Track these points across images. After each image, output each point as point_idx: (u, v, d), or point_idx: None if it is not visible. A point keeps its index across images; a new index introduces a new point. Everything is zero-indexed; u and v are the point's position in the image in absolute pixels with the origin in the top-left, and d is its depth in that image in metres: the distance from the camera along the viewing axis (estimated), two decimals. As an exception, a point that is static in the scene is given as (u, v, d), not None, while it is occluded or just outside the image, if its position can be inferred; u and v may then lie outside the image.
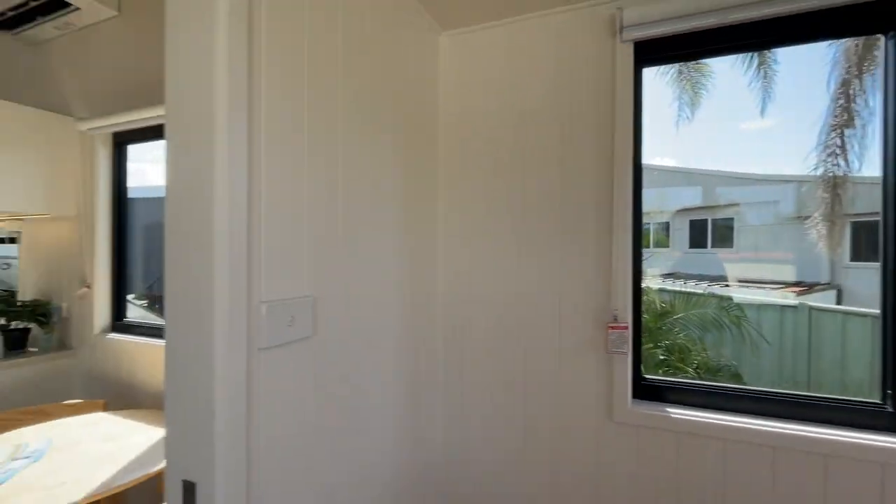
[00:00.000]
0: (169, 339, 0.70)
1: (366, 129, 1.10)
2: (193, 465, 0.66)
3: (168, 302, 0.69)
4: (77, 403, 1.80)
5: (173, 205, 0.69)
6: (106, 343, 2.08)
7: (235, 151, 0.69)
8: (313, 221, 0.88)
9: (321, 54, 0.93)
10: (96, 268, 2.11)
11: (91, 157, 2.12)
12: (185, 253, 0.68)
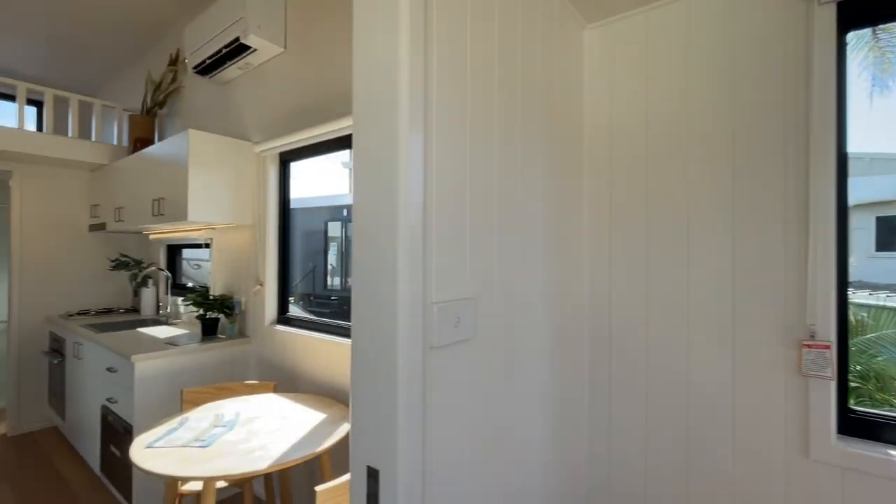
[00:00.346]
0: (356, 337, 0.77)
1: (518, 133, 1.09)
2: (377, 454, 0.71)
3: (356, 303, 0.76)
4: (254, 384, 2.11)
5: (362, 214, 0.75)
6: (273, 333, 2.41)
7: (415, 161, 0.73)
8: (473, 225, 0.90)
9: (480, 58, 0.94)
10: (267, 269, 2.46)
11: (263, 174, 2.49)
12: (373, 258, 0.73)
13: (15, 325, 3.27)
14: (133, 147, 3.16)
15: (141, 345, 2.31)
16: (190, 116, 3.14)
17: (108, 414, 2.38)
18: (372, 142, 0.75)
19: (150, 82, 3.33)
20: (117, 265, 3.45)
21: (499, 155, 1.00)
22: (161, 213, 2.47)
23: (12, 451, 3.03)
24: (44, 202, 3.39)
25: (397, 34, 0.71)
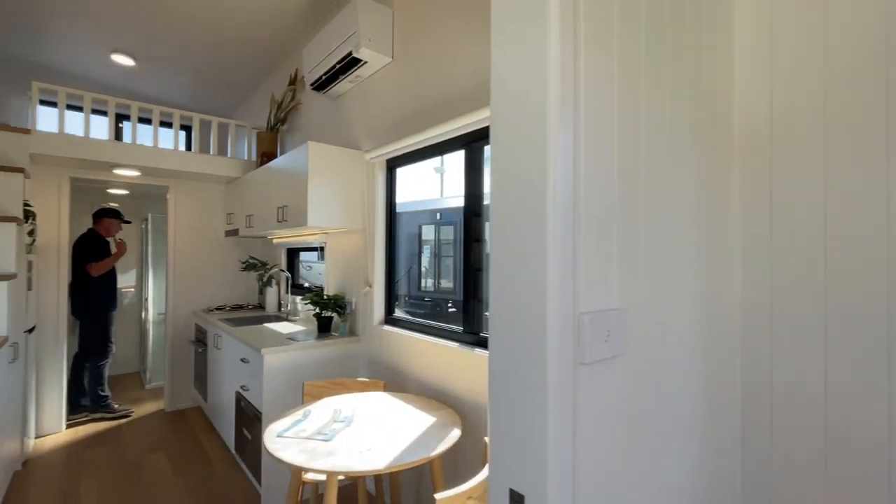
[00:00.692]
0: (495, 351, 0.72)
1: (664, 121, 0.96)
2: (522, 478, 0.65)
3: (496, 313, 0.71)
4: (365, 381, 2.19)
5: (503, 216, 0.70)
6: (381, 333, 2.50)
7: (564, 160, 0.66)
8: (620, 228, 0.80)
9: (627, 35, 0.84)
10: (375, 271, 2.56)
11: (372, 180, 2.60)
12: (517, 262, 0.68)
13: (170, 318, 3.84)
14: (260, 161, 3.53)
15: (267, 339, 2.55)
16: (307, 130, 3.41)
17: (241, 399, 2.66)
18: (515, 140, 0.70)
19: (274, 102, 3.70)
20: (247, 266, 3.88)
21: (646, 148, 0.88)
22: (285, 219, 2.71)
23: (168, 424, 3.55)
24: (191, 212, 3.94)
25: (545, 25, 0.65)
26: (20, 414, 2.73)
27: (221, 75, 4.16)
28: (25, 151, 2.74)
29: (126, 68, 4.06)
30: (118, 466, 2.83)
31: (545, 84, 0.65)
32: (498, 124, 0.74)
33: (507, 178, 0.71)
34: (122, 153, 3.22)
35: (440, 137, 2.10)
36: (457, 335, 2.09)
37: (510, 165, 0.71)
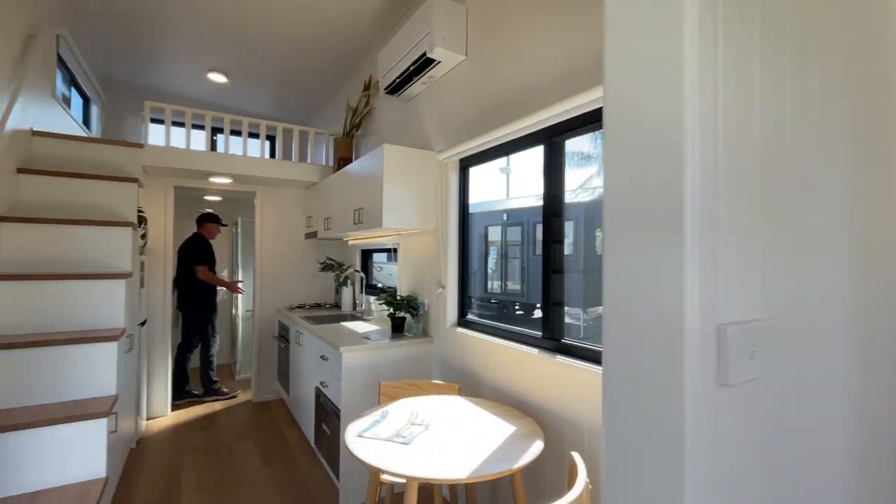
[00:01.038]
0: (612, 368, 0.63)
1: (813, 102, 0.80)
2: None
3: (612, 322, 0.62)
4: (439, 384, 2.17)
5: (622, 211, 0.62)
6: (454, 335, 2.46)
7: (701, 149, 0.56)
8: (765, 225, 0.67)
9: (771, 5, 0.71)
10: (448, 272, 2.53)
11: (445, 181, 2.58)
12: (642, 263, 0.59)
13: (257, 314, 4.12)
14: (337, 166, 3.67)
15: (345, 338, 2.62)
16: (380, 134, 3.49)
17: (321, 395, 2.76)
18: (640, 131, 0.61)
19: (349, 109, 3.83)
20: (325, 267, 4.06)
21: (792, 132, 0.74)
22: (360, 221, 2.78)
23: (255, 414, 3.80)
24: (274, 215, 4.20)
25: None
26: (135, 398, 3.05)
27: (302, 85, 4.40)
28: (139, 164, 3.07)
29: (220, 85, 4.43)
30: (213, 450, 3.07)
31: (679, 68, 0.56)
32: (616, 114, 0.65)
33: (629, 170, 0.62)
34: (217, 162, 3.50)
35: (516, 134, 2.02)
36: (535, 340, 1.99)
37: (634, 157, 0.62)
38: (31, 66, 2.53)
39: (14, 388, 2.00)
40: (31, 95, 2.64)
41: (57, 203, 2.58)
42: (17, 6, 2.44)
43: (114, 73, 4.20)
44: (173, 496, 2.47)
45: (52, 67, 3.03)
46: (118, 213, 2.75)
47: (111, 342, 2.19)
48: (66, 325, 2.28)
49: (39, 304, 2.23)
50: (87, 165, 2.84)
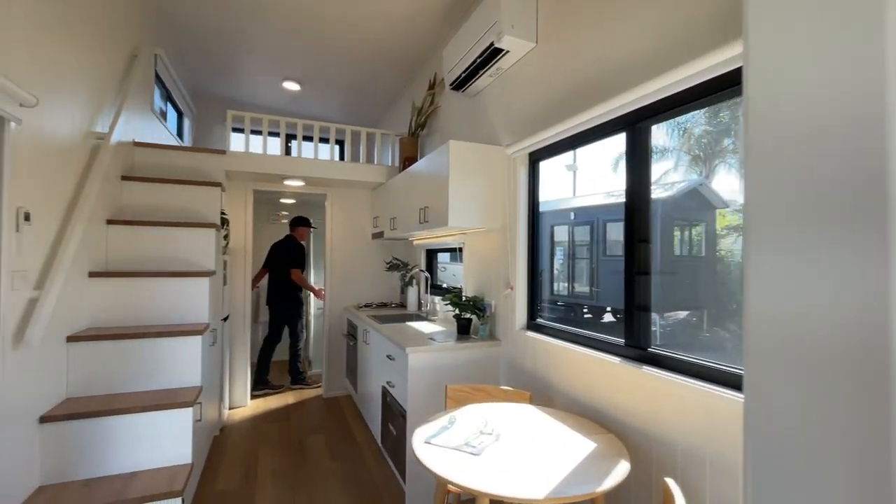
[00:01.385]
0: (759, 392, 0.49)
1: None
2: None
3: (756, 333, 0.48)
4: (509, 391, 2.05)
5: (783, 201, 0.48)
6: (523, 339, 2.33)
7: None
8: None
9: None
10: (516, 273, 2.40)
11: (513, 176, 2.45)
12: (817, 263, 0.45)
13: (327, 312, 4.26)
14: (403, 165, 3.68)
15: (410, 338, 2.58)
16: (445, 132, 3.44)
17: (387, 395, 2.76)
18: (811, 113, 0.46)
19: (414, 109, 3.83)
20: (391, 267, 4.09)
21: None
22: (426, 220, 2.74)
23: (324, 410, 3.92)
24: (343, 216, 4.31)
25: None
26: (218, 389, 3.26)
27: (369, 88, 4.49)
28: (222, 169, 3.28)
29: (293, 93, 4.64)
30: (286, 443, 3.19)
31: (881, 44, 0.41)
32: (770, 99, 0.50)
33: (799, 163, 0.47)
34: (291, 166, 3.66)
35: (593, 122, 1.85)
36: (617, 348, 1.80)
37: (803, 147, 0.47)
38: (132, 83, 2.78)
39: (115, 375, 2.18)
40: (133, 110, 2.90)
41: (153, 207, 2.81)
42: (122, 30, 2.69)
43: (202, 87, 4.56)
44: (250, 485, 2.59)
45: (151, 84, 3.32)
46: (203, 215, 2.94)
47: (196, 336, 2.32)
48: (157, 319, 2.47)
49: (136, 299, 2.42)
50: (178, 172, 3.07)
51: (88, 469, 1.95)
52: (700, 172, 1.75)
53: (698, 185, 1.76)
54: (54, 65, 1.89)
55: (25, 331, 1.69)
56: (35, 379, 1.82)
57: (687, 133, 1.76)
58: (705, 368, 1.43)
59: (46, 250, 1.88)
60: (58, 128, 1.94)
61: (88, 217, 2.20)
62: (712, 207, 1.68)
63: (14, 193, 1.63)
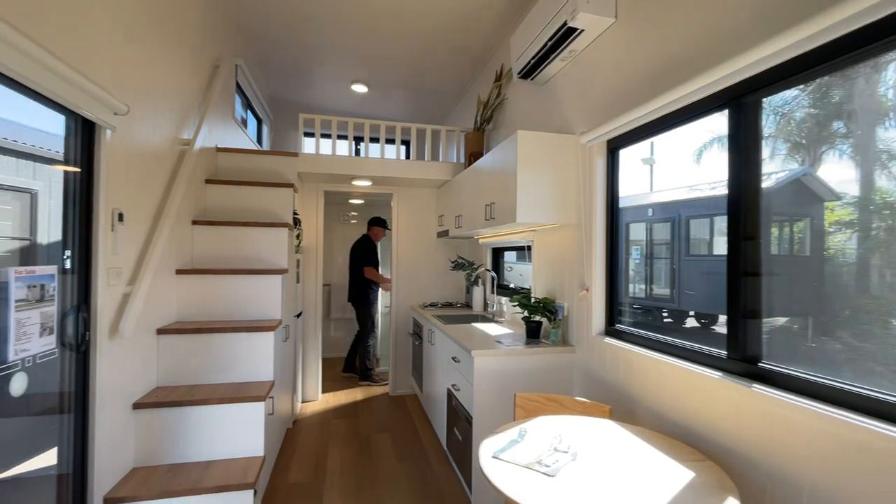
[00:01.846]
0: None
1: None
2: None
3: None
4: (585, 402, 1.85)
5: None
6: (601, 346, 2.12)
7: None
8: None
9: None
10: (593, 273, 2.19)
11: (589, 167, 2.24)
12: None
13: (394, 311, 4.27)
14: (468, 161, 3.58)
15: (476, 340, 2.47)
16: (512, 125, 3.28)
17: (452, 398, 2.66)
18: None
19: (479, 103, 3.71)
20: (456, 266, 4.01)
21: None
22: (492, 216, 2.60)
23: (391, 408, 3.93)
24: (409, 215, 4.31)
25: None
26: (291, 383, 3.38)
27: (434, 86, 4.45)
28: (294, 171, 3.40)
29: (361, 95, 4.73)
30: (353, 440, 3.22)
31: None
32: None
33: None
34: (358, 166, 3.70)
35: (687, 99, 1.61)
36: (717, 361, 1.55)
37: None
38: (215, 92, 2.95)
39: (197, 367, 2.31)
40: (216, 118, 3.09)
41: (232, 208, 2.97)
42: (206, 42, 2.87)
43: (278, 95, 4.80)
44: (319, 480, 2.63)
45: (232, 93, 3.53)
46: (277, 215, 3.05)
47: (269, 332, 2.39)
48: (236, 315, 2.59)
49: (216, 296, 2.56)
50: (256, 175, 3.23)
51: (173, 454, 2.07)
52: (802, 161, 1.47)
53: (802, 174, 1.48)
54: (145, 76, 2.03)
55: (119, 323, 1.82)
56: (130, 368, 1.96)
57: (786, 117, 1.48)
58: (846, 393, 1.16)
59: (138, 249, 2.02)
60: (148, 135, 2.08)
61: (175, 218, 2.35)
62: (819, 200, 1.41)
63: (109, 196, 1.75)
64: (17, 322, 1.34)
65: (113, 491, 1.81)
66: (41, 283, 1.44)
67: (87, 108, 1.58)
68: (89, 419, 1.69)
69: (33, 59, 1.29)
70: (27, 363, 1.41)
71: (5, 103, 1.47)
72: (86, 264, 1.68)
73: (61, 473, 1.63)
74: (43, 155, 1.67)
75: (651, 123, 1.87)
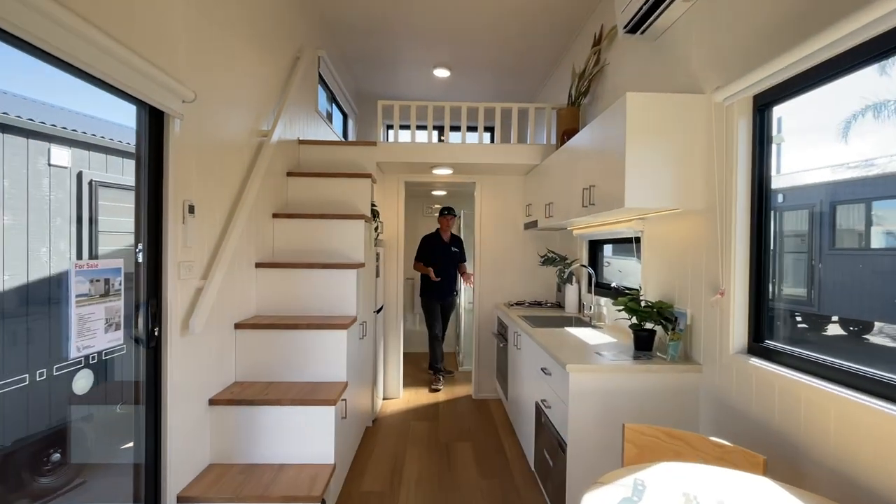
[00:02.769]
0: None
1: None
2: None
3: None
4: (725, 447, 1.38)
5: None
6: (742, 367, 1.60)
7: None
8: None
9: None
10: (732, 272, 1.67)
11: (728, 133, 1.71)
12: None
13: (477, 308, 3.99)
14: (560, 141, 3.14)
15: (571, 349, 2.07)
16: (615, 94, 2.78)
17: (541, 414, 2.30)
18: None
19: (574, 75, 3.24)
20: (546, 261, 3.59)
21: None
22: (591, 202, 2.17)
23: (474, 412, 3.66)
24: (493, 205, 3.97)
25: None
26: (371, 380, 3.27)
27: (520, 63, 4.06)
28: (374, 160, 3.26)
29: (443, 80, 4.50)
30: (433, 445, 3.01)
31: None
32: None
33: None
34: (438, 152, 3.46)
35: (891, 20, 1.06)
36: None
37: None
38: (295, 83, 2.89)
39: (273, 363, 2.24)
40: (298, 111, 3.05)
41: (311, 201, 2.90)
42: (286, 33, 2.82)
43: (362, 87, 4.76)
44: (394, 490, 2.45)
45: (314, 85, 3.50)
46: (356, 207, 2.93)
47: (342, 330, 2.25)
48: (312, 310, 2.49)
49: (293, 290, 2.48)
50: (336, 167, 3.14)
51: (247, 454, 2.00)
52: None
53: None
54: (219, 66, 1.96)
55: (189, 319, 1.76)
56: (205, 362, 1.92)
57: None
58: None
59: (213, 243, 1.98)
60: (222, 125, 2.02)
61: (254, 211, 2.30)
62: None
63: (178, 187, 1.69)
64: (79, 318, 1.29)
65: (187, 489, 1.77)
66: (105, 278, 1.39)
67: (153, 95, 1.50)
68: (161, 415, 1.65)
69: (90, 41, 1.20)
70: (91, 360, 1.37)
71: (73, 94, 1.44)
72: (156, 258, 1.63)
73: (137, 464, 1.61)
74: (118, 148, 1.65)
75: (824, 65, 1.31)
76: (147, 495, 1.63)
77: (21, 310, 1.28)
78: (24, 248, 1.31)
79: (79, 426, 1.44)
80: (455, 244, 4.40)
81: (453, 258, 4.37)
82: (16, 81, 1.35)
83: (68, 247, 1.48)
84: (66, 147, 1.54)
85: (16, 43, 1.09)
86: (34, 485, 1.33)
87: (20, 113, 1.40)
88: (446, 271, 4.29)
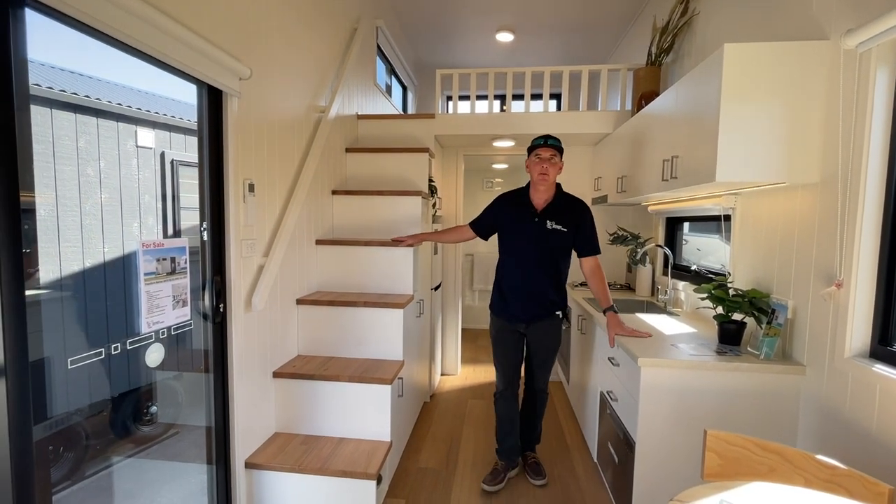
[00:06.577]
0: None
1: None
2: None
3: None
4: (837, 469, 1.16)
5: None
6: (865, 375, 1.34)
7: None
8: None
9: None
10: (855, 259, 1.38)
11: (858, 87, 1.38)
12: None
13: (538, 288, 3.81)
14: (636, 107, 2.81)
15: (643, 339, 1.88)
16: (703, 52, 2.41)
17: (607, 406, 2.14)
18: None
19: (655, 30, 2.87)
20: (615, 239, 3.32)
21: None
22: (674, 175, 1.91)
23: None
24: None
25: None
26: (429, 357, 3.27)
27: (592, 20, 3.68)
28: (431, 134, 3.15)
29: (507, 45, 4.22)
30: (489, 426, 2.96)
31: None
32: None
33: None
34: (499, 122, 3.26)
35: None
36: None
37: None
38: (352, 56, 2.83)
39: (332, 339, 2.27)
40: (356, 84, 3.00)
41: (370, 176, 2.87)
42: (344, 4, 2.74)
43: (422, 58, 4.61)
44: (450, 469, 2.44)
45: (373, 57, 3.42)
46: (413, 182, 2.86)
47: (398, 309, 2.22)
48: (370, 287, 2.49)
49: (352, 267, 2.49)
50: (395, 141, 3.07)
51: (308, 426, 2.07)
52: None
53: None
54: (275, 39, 1.93)
55: (252, 296, 1.81)
56: (268, 337, 1.99)
57: None
58: None
59: (274, 220, 2.00)
60: (279, 102, 2.00)
61: (313, 188, 2.31)
62: None
63: (238, 166, 1.70)
64: (148, 295, 1.35)
65: (254, 455, 1.87)
66: (171, 256, 1.43)
67: (209, 73, 1.49)
68: (228, 386, 1.73)
69: (143, 18, 1.19)
70: (161, 335, 1.44)
71: (146, 77, 1.47)
72: (219, 236, 1.67)
73: (208, 427, 1.72)
74: (183, 126, 1.69)
75: None
76: (218, 458, 1.74)
77: (117, 283, 1.38)
78: (118, 224, 1.39)
79: (163, 388, 1.58)
80: (557, 215, 2.21)
81: (552, 242, 2.17)
82: (102, 68, 1.40)
83: (155, 223, 1.57)
84: (151, 129, 1.60)
85: (97, 34, 1.11)
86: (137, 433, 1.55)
87: (111, 98, 1.46)
88: (534, 267, 2.17)
